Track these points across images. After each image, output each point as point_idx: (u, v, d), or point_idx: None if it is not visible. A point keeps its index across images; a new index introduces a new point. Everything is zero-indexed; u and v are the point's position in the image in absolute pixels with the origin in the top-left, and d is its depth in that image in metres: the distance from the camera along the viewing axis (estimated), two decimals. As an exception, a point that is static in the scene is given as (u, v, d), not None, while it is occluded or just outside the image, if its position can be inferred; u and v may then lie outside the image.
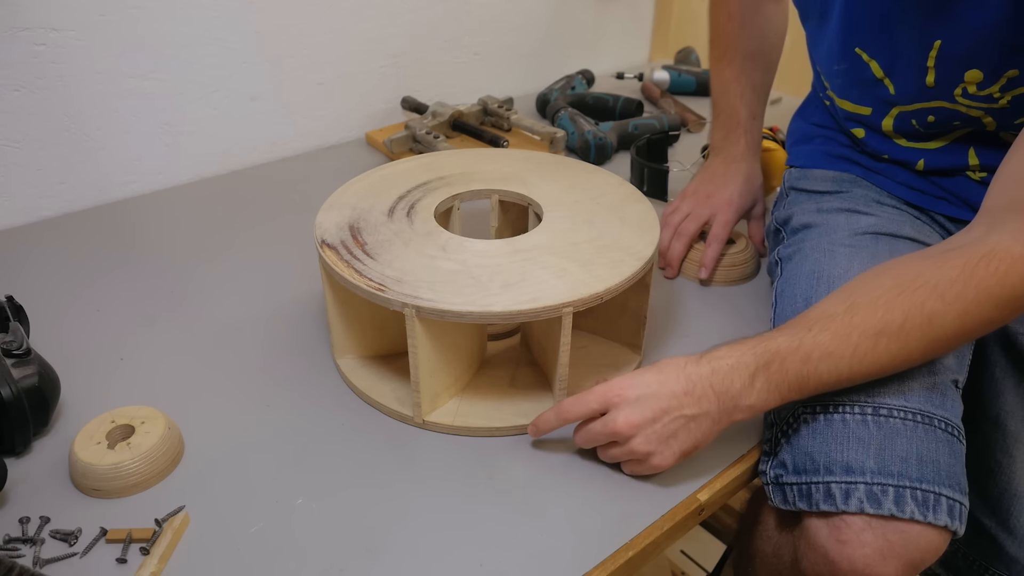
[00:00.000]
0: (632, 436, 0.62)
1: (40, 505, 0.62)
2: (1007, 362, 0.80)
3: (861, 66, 0.76)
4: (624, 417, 0.62)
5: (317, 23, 1.20)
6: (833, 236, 0.78)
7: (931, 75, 0.71)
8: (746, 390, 0.61)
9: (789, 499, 0.65)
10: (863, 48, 0.75)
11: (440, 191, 0.81)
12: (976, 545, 0.80)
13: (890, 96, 0.76)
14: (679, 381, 0.62)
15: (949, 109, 0.73)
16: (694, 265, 0.93)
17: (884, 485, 0.60)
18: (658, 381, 0.62)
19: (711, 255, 0.91)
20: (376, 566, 0.59)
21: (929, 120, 0.75)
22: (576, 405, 0.65)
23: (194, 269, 0.94)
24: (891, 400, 0.64)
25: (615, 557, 0.60)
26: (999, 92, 0.69)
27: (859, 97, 0.79)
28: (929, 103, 0.74)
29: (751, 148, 0.96)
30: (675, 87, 1.53)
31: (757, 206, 0.98)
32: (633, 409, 0.62)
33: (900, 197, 0.84)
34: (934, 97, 0.73)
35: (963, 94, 0.71)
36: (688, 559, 1.22)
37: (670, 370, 0.62)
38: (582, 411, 0.65)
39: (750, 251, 0.94)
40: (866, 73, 0.76)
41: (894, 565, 0.59)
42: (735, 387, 0.61)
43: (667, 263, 0.94)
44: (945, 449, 0.62)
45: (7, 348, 0.66)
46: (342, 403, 0.74)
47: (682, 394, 0.61)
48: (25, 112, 0.99)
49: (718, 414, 0.62)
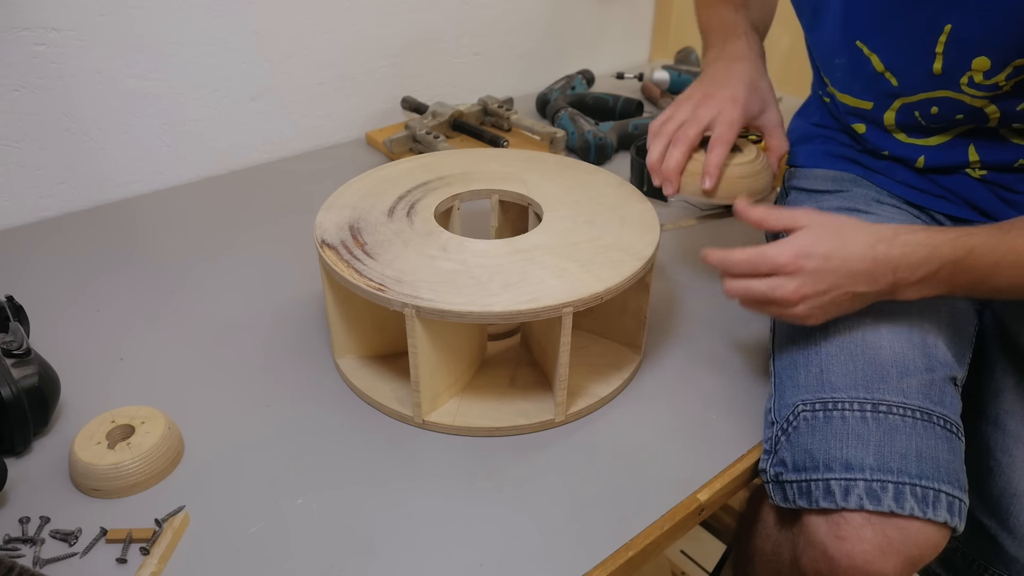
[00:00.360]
0: (796, 304, 0.62)
1: (40, 505, 0.62)
2: (1007, 362, 0.81)
3: (862, 60, 0.75)
4: (795, 287, 0.61)
5: (317, 23, 1.20)
6: None
7: (939, 62, 0.70)
8: (927, 280, 0.61)
9: (789, 497, 0.65)
10: (864, 41, 0.74)
11: (440, 191, 0.81)
12: (975, 544, 0.80)
13: (892, 88, 0.75)
14: (863, 261, 0.60)
15: (954, 100, 0.73)
16: (695, 179, 0.76)
17: (883, 482, 0.60)
18: (842, 256, 0.60)
19: (715, 160, 0.74)
20: (376, 566, 0.59)
21: (932, 112, 0.75)
22: (745, 266, 0.64)
23: (194, 269, 0.94)
24: (890, 397, 0.64)
25: (615, 557, 0.60)
26: (1004, 80, 0.68)
27: (861, 91, 0.79)
28: (934, 93, 0.73)
29: (753, 49, 0.84)
30: (675, 87, 1.53)
31: (770, 112, 0.82)
32: (806, 280, 0.60)
33: (900, 196, 0.84)
34: (940, 86, 0.72)
35: (969, 83, 0.70)
36: (688, 559, 1.22)
37: (857, 244, 0.60)
38: (750, 271, 0.64)
39: (762, 161, 0.79)
40: (867, 67, 0.75)
41: (893, 561, 0.59)
42: (918, 274, 0.60)
43: (664, 176, 0.76)
44: (944, 446, 0.62)
45: (7, 348, 0.66)
46: (342, 403, 0.74)
47: (862, 274, 0.60)
48: (25, 112, 0.99)
49: (888, 292, 0.62)
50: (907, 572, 0.60)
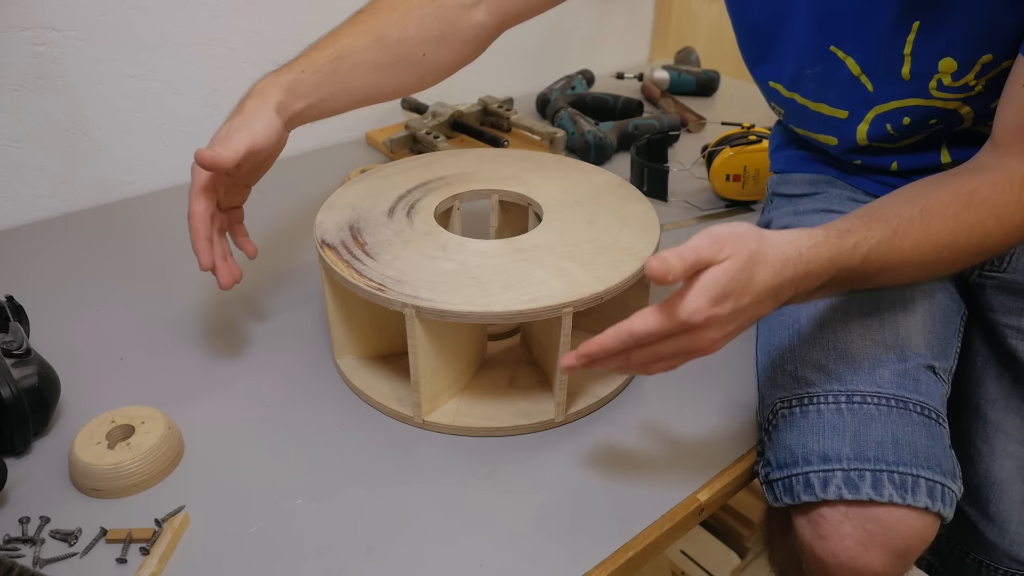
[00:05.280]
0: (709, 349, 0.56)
1: (40, 505, 0.62)
2: (989, 352, 0.81)
3: (837, 64, 0.74)
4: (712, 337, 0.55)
5: (317, 23, 1.20)
6: None
7: (907, 65, 0.70)
8: (822, 288, 0.59)
9: (777, 495, 0.65)
10: (838, 45, 0.73)
11: (440, 191, 0.81)
12: (957, 531, 0.81)
13: (868, 95, 0.75)
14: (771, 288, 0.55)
15: (924, 107, 0.72)
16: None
17: (861, 470, 0.60)
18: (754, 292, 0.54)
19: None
20: (376, 566, 0.59)
21: (904, 123, 0.74)
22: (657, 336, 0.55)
23: (194, 269, 0.94)
24: (864, 387, 0.64)
25: (615, 557, 0.60)
26: (975, 79, 0.68)
27: (836, 99, 0.78)
28: (905, 101, 0.73)
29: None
30: (675, 87, 1.53)
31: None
32: (720, 325, 0.55)
33: (876, 195, 0.84)
34: (910, 94, 0.72)
35: (938, 87, 0.70)
36: (688, 559, 1.22)
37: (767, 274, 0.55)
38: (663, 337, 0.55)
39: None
40: (843, 72, 0.75)
41: (879, 554, 0.59)
42: (816, 284, 0.58)
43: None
44: (922, 432, 0.62)
45: (7, 348, 0.66)
46: (342, 403, 0.74)
47: (768, 299, 0.56)
48: (25, 112, 0.99)
49: (784, 303, 0.58)
50: (897, 564, 0.60)
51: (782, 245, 0.56)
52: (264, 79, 0.74)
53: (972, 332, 0.82)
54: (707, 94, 1.56)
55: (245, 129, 0.69)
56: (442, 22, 0.78)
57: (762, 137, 1.09)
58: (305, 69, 0.74)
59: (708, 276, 0.53)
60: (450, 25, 0.79)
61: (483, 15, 0.81)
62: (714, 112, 1.47)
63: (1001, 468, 0.80)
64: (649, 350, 0.56)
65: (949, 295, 0.77)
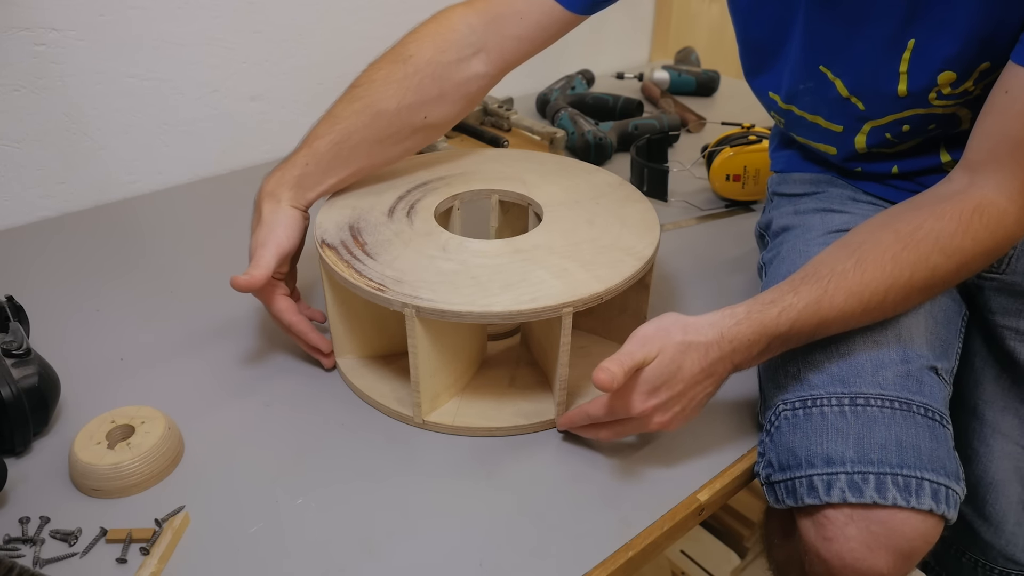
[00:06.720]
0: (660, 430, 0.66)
1: (40, 505, 0.62)
2: (987, 353, 0.81)
3: (827, 84, 0.75)
4: (657, 422, 0.64)
5: (317, 23, 1.20)
6: (808, 236, 0.78)
7: (903, 83, 0.70)
8: (763, 353, 0.64)
9: (779, 497, 0.65)
10: (827, 66, 0.73)
11: (440, 191, 0.81)
12: (953, 530, 0.82)
13: (860, 112, 0.75)
14: (703, 372, 0.63)
15: (923, 115, 0.72)
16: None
17: (865, 473, 0.60)
18: (684, 378, 0.63)
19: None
20: (376, 566, 0.59)
21: (904, 130, 0.74)
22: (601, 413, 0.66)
23: (194, 269, 0.94)
24: (867, 390, 0.64)
25: (615, 557, 0.60)
26: (973, 85, 0.68)
27: (830, 115, 0.78)
28: (903, 113, 0.73)
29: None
30: (675, 87, 1.53)
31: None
32: (660, 412, 0.64)
33: (876, 195, 0.84)
34: (908, 107, 0.72)
35: (938, 96, 0.70)
36: (688, 559, 1.22)
37: (694, 361, 0.63)
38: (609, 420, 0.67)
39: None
40: (832, 92, 0.75)
41: (883, 556, 0.59)
42: (754, 352, 0.63)
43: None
44: (926, 434, 0.62)
45: (7, 348, 0.66)
46: (342, 403, 0.74)
47: (705, 378, 0.63)
48: (25, 112, 0.99)
49: (733, 372, 0.65)
50: (901, 565, 0.60)
51: (705, 329, 0.63)
52: (272, 178, 0.76)
53: (971, 333, 0.82)
54: (707, 94, 1.56)
55: (271, 240, 0.73)
56: (440, 80, 0.78)
57: (762, 137, 1.09)
58: (309, 162, 0.76)
59: (641, 376, 0.62)
60: (449, 81, 0.78)
61: (482, 65, 0.80)
62: (714, 112, 1.47)
63: (998, 469, 0.80)
64: (612, 429, 0.66)
65: (950, 296, 0.77)
